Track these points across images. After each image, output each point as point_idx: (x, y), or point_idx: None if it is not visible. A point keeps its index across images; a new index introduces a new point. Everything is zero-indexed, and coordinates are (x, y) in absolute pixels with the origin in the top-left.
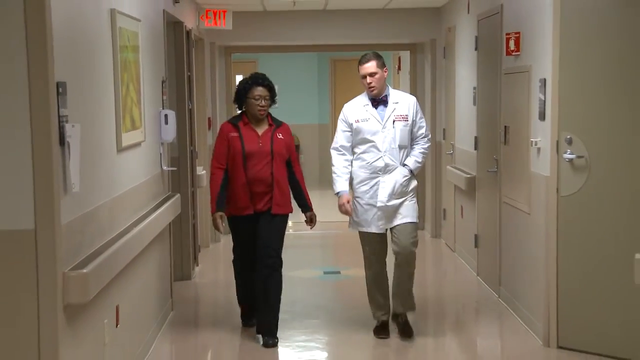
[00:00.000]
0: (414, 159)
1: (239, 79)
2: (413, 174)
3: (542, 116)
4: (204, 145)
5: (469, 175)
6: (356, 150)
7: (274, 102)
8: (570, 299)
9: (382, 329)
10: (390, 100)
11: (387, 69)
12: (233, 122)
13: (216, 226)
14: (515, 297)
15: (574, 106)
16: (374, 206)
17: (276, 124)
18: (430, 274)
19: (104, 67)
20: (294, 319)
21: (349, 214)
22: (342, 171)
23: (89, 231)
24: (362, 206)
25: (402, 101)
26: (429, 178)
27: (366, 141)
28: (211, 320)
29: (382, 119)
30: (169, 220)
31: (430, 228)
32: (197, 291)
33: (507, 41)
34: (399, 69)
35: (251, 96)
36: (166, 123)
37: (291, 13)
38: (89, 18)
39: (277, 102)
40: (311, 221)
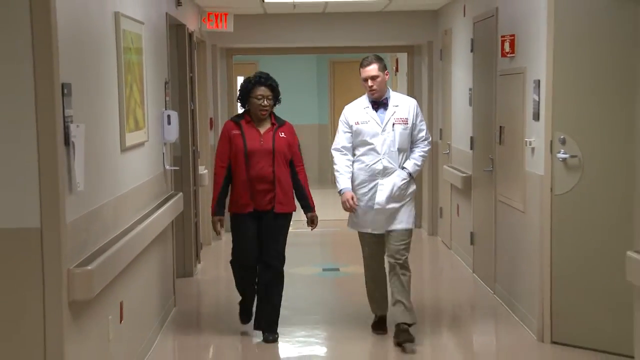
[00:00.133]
0: (413, 162)
1: (240, 80)
2: (412, 178)
3: (536, 117)
4: (205, 145)
5: (465, 175)
6: (356, 152)
7: (277, 101)
8: (564, 295)
9: (380, 324)
10: (391, 103)
11: (389, 71)
12: (235, 120)
13: (215, 230)
14: (510, 294)
15: (567, 107)
16: (372, 208)
17: (279, 123)
18: (427, 271)
19: (108, 69)
20: (294, 315)
21: (353, 210)
22: (345, 170)
23: (93, 229)
24: (361, 207)
25: (402, 104)
26: (426, 177)
27: (366, 143)
28: (213, 317)
29: (381, 121)
30: (171, 218)
31: (427, 226)
32: (199, 288)
33: (502, 43)
34: (397, 70)
35: (254, 95)
36: (169, 123)
37: (291, 16)
38: (93, 20)
39: (281, 101)
40: (312, 222)
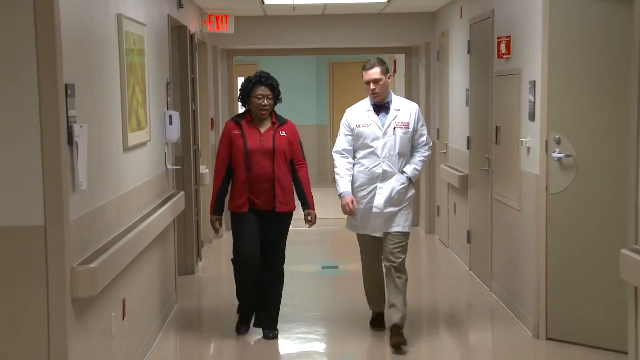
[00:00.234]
0: (413, 167)
1: (241, 81)
2: (411, 182)
3: (532, 117)
4: (207, 144)
5: (462, 174)
6: (356, 155)
7: (278, 101)
8: (559, 292)
9: (378, 321)
10: (393, 107)
11: (391, 75)
12: (236, 120)
13: (214, 229)
14: (506, 291)
15: (562, 107)
16: (371, 211)
17: (280, 122)
18: (425, 269)
19: (111, 70)
20: (294, 312)
21: (352, 214)
22: (345, 173)
23: (96, 228)
24: (360, 210)
25: (404, 108)
26: (424, 176)
27: (366, 147)
28: (214, 314)
29: (383, 125)
30: (173, 217)
31: (425, 224)
32: (201, 285)
33: (498, 45)
34: (395, 71)
35: (254, 95)
36: (171, 124)
37: (291, 18)
38: (96, 23)
39: (282, 100)
40: (310, 220)
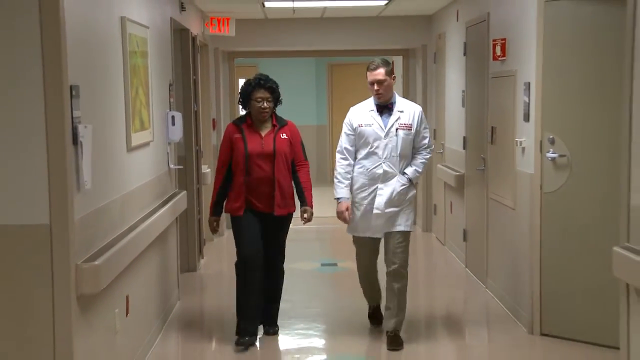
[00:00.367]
0: (414, 169)
1: (242, 82)
2: (412, 183)
3: (526, 117)
4: (208, 144)
5: (458, 173)
6: (357, 155)
7: (278, 103)
8: (553, 289)
9: (376, 314)
10: (396, 109)
11: (395, 76)
12: (237, 124)
13: (211, 229)
14: (501, 288)
15: (556, 108)
16: (371, 212)
17: (280, 124)
18: (422, 266)
19: (114, 71)
20: (294, 308)
21: (346, 222)
22: (344, 177)
23: (100, 226)
24: (360, 211)
25: (407, 110)
26: (421, 176)
27: (368, 147)
28: (215, 310)
29: (385, 126)
30: (175, 215)
31: (422, 223)
32: (202, 282)
33: (493, 47)
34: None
35: (254, 98)
36: (173, 124)
37: (291, 21)
38: (101, 25)
39: (282, 102)
40: (305, 217)
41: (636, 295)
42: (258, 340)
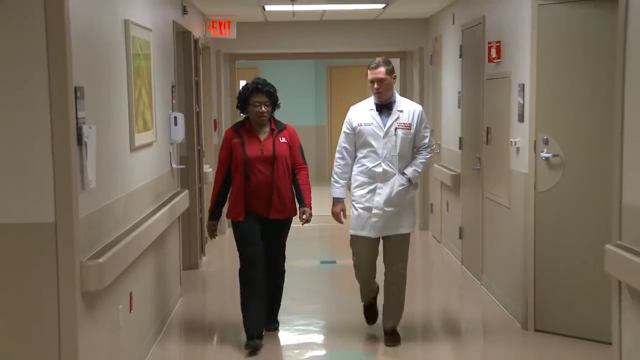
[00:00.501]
0: (413, 168)
1: (242, 83)
2: (411, 183)
3: (521, 118)
4: (210, 145)
5: (454, 173)
6: (357, 154)
7: (276, 107)
8: (547, 285)
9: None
10: (395, 108)
11: (396, 75)
12: (236, 128)
13: (209, 234)
14: (496, 284)
15: (550, 109)
16: (370, 211)
17: (279, 128)
18: (419, 264)
19: (118, 73)
20: (294, 305)
21: (341, 223)
22: (341, 176)
23: (104, 224)
24: (358, 210)
25: (406, 109)
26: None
27: (367, 146)
28: (217, 306)
29: (384, 125)
30: (178, 213)
31: (419, 221)
32: (204, 279)
33: (489, 49)
34: None
35: (252, 102)
36: (175, 124)
37: (290, 23)
38: (105, 28)
39: (280, 106)
40: (304, 218)
41: (628, 291)
42: None
